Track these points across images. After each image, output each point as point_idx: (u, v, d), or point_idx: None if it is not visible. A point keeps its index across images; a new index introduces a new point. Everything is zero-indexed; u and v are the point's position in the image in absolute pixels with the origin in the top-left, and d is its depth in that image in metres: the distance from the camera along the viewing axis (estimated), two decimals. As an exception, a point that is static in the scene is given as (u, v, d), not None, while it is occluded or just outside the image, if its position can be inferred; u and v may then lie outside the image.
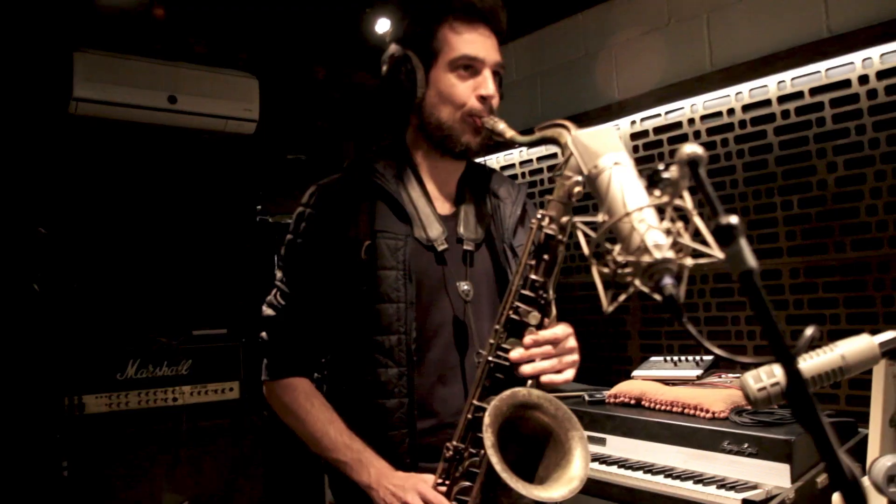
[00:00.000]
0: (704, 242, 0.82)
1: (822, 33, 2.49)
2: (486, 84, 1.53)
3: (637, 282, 0.84)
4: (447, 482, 1.39)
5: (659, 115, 2.98)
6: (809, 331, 0.68)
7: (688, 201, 0.85)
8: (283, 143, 4.08)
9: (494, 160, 3.76)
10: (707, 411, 2.33)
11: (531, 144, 1.44)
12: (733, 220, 0.70)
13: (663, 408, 2.47)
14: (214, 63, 3.73)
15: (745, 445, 2.13)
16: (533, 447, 1.30)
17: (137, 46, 3.53)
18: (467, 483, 1.37)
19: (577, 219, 0.89)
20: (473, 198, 1.67)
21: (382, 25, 3.31)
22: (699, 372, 2.59)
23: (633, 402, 2.59)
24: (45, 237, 3.22)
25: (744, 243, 0.70)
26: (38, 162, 3.44)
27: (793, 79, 2.56)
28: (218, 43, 3.80)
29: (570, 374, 1.40)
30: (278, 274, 1.62)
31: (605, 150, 0.91)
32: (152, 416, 3.27)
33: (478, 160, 1.73)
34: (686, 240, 0.83)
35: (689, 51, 2.89)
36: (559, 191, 1.32)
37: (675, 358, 2.75)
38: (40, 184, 3.43)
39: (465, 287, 1.56)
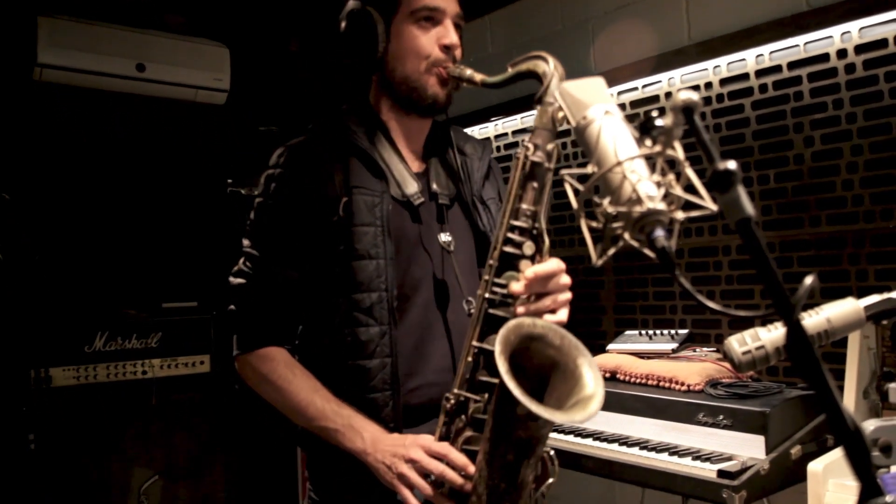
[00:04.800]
0: (697, 194, 0.80)
1: (801, 6, 2.47)
2: (449, 34, 1.52)
3: (627, 235, 0.82)
4: (450, 435, 1.33)
5: (636, 88, 2.96)
6: (809, 280, 0.66)
7: (679, 152, 0.83)
8: (255, 114, 4.00)
9: (470, 133, 3.73)
10: (682, 384, 2.33)
11: (505, 83, 1.42)
12: (731, 165, 0.68)
13: (638, 381, 2.47)
14: (185, 32, 3.64)
15: (720, 417, 2.13)
16: (540, 383, 1.25)
17: (105, 13, 3.43)
18: (473, 433, 1.30)
19: (564, 171, 0.86)
20: (440, 155, 1.65)
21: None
22: (674, 345, 2.60)
23: (607, 375, 2.58)
24: (9, 204, 3.13)
25: (741, 190, 0.68)
26: (1, 128, 3.34)
27: (771, 52, 2.54)
28: (189, 11, 3.71)
29: (564, 313, 1.37)
30: (245, 242, 1.56)
31: (594, 100, 0.89)
32: (121, 389, 3.21)
33: (441, 119, 1.70)
34: (678, 191, 0.81)
35: (666, 24, 2.86)
36: (542, 118, 1.31)
37: (650, 332, 2.75)
38: (3, 150, 3.32)
39: (447, 238, 1.54)
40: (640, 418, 2.33)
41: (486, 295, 1.32)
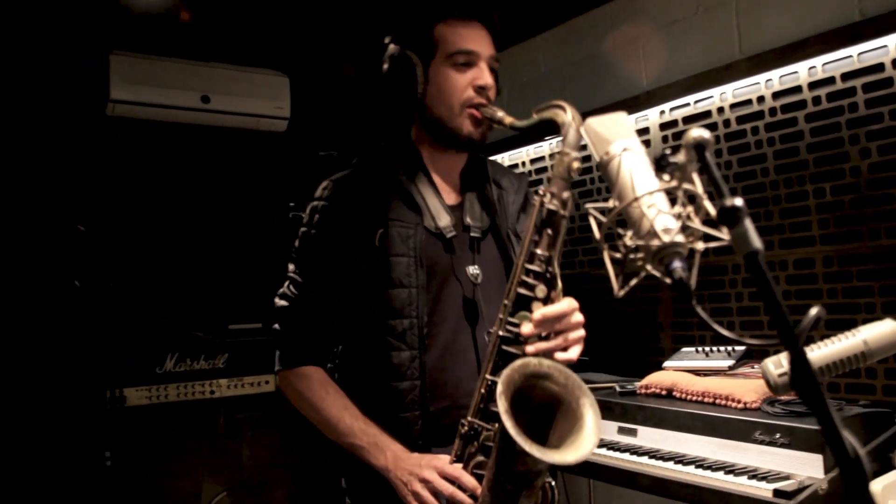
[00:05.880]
0: (714, 226, 0.83)
1: (854, 16, 2.44)
2: (483, 75, 1.60)
3: (648, 266, 0.86)
4: (463, 458, 1.43)
5: (688, 104, 2.96)
6: (814, 311, 0.69)
7: (698, 185, 0.86)
8: (315, 140, 4.12)
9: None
10: (738, 401, 2.31)
11: (530, 128, 1.51)
12: (738, 201, 0.71)
13: (694, 398, 2.46)
14: (245, 62, 3.79)
15: (778, 436, 2.10)
16: (544, 417, 1.32)
17: (170, 48, 3.60)
18: (483, 458, 1.39)
19: (588, 205, 0.91)
20: (477, 188, 1.73)
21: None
22: (731, 362, 2.57)
23: (664, 392, 2.58)
24: (85, 235, 3.31)
25: (748, 224, 0.71)
26: (78, 162, 3.54)
27: (824, 64, 2.51)
28: (248, 42, 3.86)
29: (576, 351, 1.43)
30: (291, 266, 1.67)
31: (616, 136, 0.92)
32: (191, 408, 3.35)
33: (479, 154, 1.78)
34: (696, 223, 0.84)
35: (717, 39, 2.86)
36: (559, 167, 1.37)
37: (707, 349, 2.73)
38: (80, 183, 3.52)
39: (475, 271, 1.62)
40: (696, 436, 2.31)
41: (500, 332, 1.40)
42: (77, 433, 3.09)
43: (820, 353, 1.14)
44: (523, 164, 3.81)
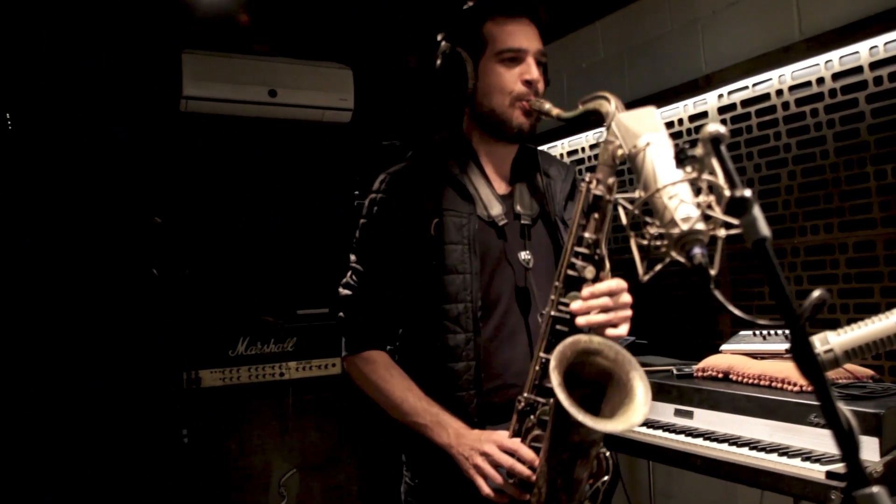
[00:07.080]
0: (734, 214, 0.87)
1: (918, -7, 2.40)
2: (531, 70, 1.66)
3: (673, 252, 0.91)
4: (521, 433, 1.50)
5: (746, 87, 2.94)
6: (816, 293, 0.73)
7: (719, 176, 0.91)
8: (379, 130, 4.22)
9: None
10: (795, 384, 2.32)
11: (576, 118, 1.54)
12: (747, 192, 0.77)
13: (751, 381, 2.46)
14: (310, 56, 3.91)
15: (833, 418, 2.10)
16: (597, 391, 1.38)
17: (237, 45, 3.75)
18: (540, 431, 1.46)
19: (618, 195, 0.97)
20: (526, 177, 1.79)
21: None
22: (788, 345, 2.56)
23: (720, 375, 2.59)
24: (161, 226, 3.50)
25: (757, 213, 0.76)
26: (154, 158, 3.73)
27: (886, 43, 2.47)
28: (312, 36, 3.97)
29: (624, 328, 1.48)
30: (352, 257, 1.76)
31: (644, 130, 0.98)
32: (262, 389, 3.52)
33: (528, 144, 1.83)
34: (716, 212, 0.89)
35: (776, 20, 2.83)
36: (604, 155, 1.41)
37: (765, 332, 2.72)
38: (156, 177, 3.72)
39: (526, 256, 1.69)
40: (751, 418, 2.32)
41: (553, 313, 1.47)
42: (157, 412, 3.29)
43: (855, 333, 1.17)
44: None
